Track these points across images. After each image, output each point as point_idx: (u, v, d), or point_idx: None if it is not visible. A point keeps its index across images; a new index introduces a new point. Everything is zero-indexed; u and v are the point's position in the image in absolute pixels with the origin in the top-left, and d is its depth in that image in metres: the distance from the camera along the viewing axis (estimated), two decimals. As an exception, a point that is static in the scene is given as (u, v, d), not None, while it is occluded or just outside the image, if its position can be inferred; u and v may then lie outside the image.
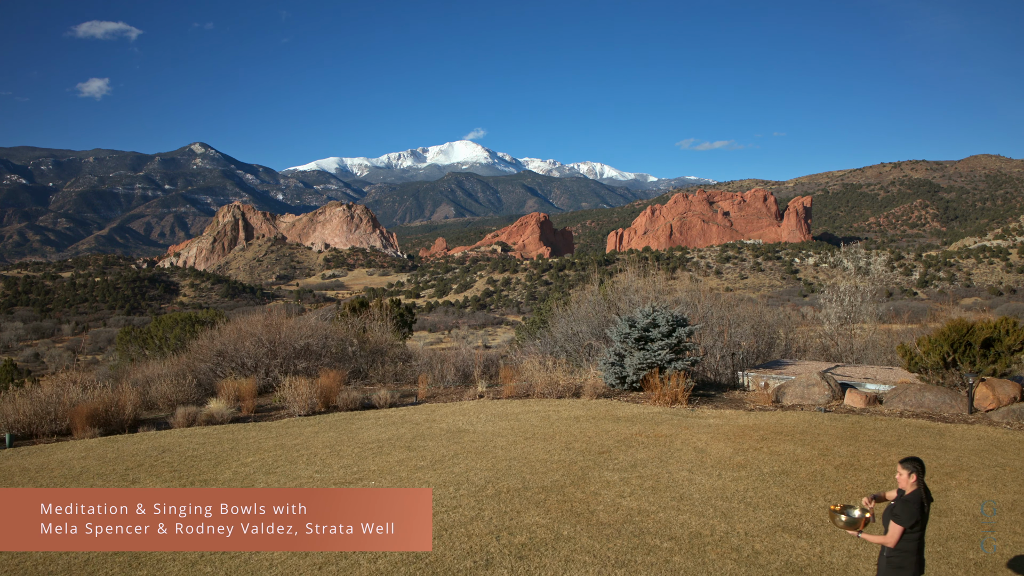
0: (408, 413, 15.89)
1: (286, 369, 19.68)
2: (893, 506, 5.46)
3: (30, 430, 14.80)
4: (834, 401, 15.73)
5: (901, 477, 5.49)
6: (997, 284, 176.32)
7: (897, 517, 5.39)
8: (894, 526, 5.39)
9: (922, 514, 5.38)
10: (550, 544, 7.92)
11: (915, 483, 5.48)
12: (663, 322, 17.29)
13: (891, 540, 5.40)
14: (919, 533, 5.41)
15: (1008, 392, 14.40)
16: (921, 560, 5.41)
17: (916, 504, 5.38)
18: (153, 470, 11.44)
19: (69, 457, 12.63)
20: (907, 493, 5.49)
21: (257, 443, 13.17)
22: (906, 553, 5.39)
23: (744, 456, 11.46)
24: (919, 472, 5.45)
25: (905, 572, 5.38)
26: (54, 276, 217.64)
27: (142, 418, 15.94)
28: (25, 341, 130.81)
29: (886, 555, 5.43)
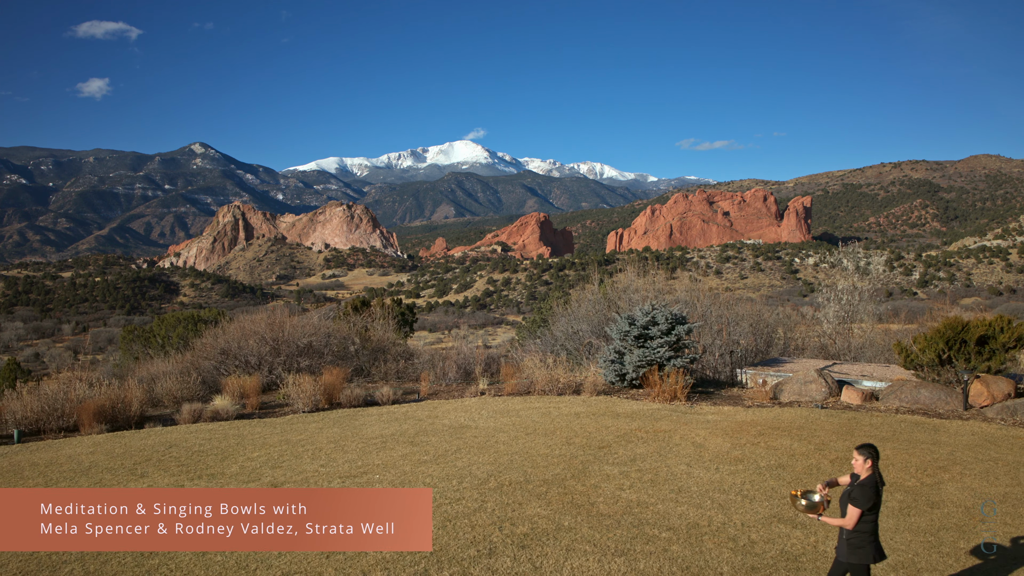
0: (411, 410, 16.10)
1: (289, 367, 19.88)
2: (851, 490, 5.74)
3: (38, 426, 15.00)
4: (831, 398, 15.94)
5: (857, 463, 5.78)
6: (997, 284, 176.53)
7: (855, 500, 5.65)
8: (852, 509, 5.65)
9: (877, 497, 5.66)
10: (551, 534, 8.13)
11: (870, 468, 5.75)
12: (662, 320, 17.50)
13: (850, 522, 5.66)
14: (875, 515, 5.69)
15: (1002, 389, 14.61)
16: (877, 542, 5.70)
17: (872, 488, 5.66)
18: (161, 464, 11.64)
19: (77, 452, 12.83)
20: (862, 478, 5.76)
21: (262, 439, 13.38)
22: (864, 534, 5.65)
23: (741, 451, 11.67)
24: (874, 458, 5.74)
25: (863, 552, 5.65)
26: (54, 276, 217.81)
27: (148, 415, 16.14)
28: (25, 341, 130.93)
29: (845, 537, 5.71)
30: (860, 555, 5.66)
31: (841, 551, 5.77)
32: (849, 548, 5.70)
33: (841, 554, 5.77)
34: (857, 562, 5.68)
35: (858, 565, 5.67)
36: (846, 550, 5.72)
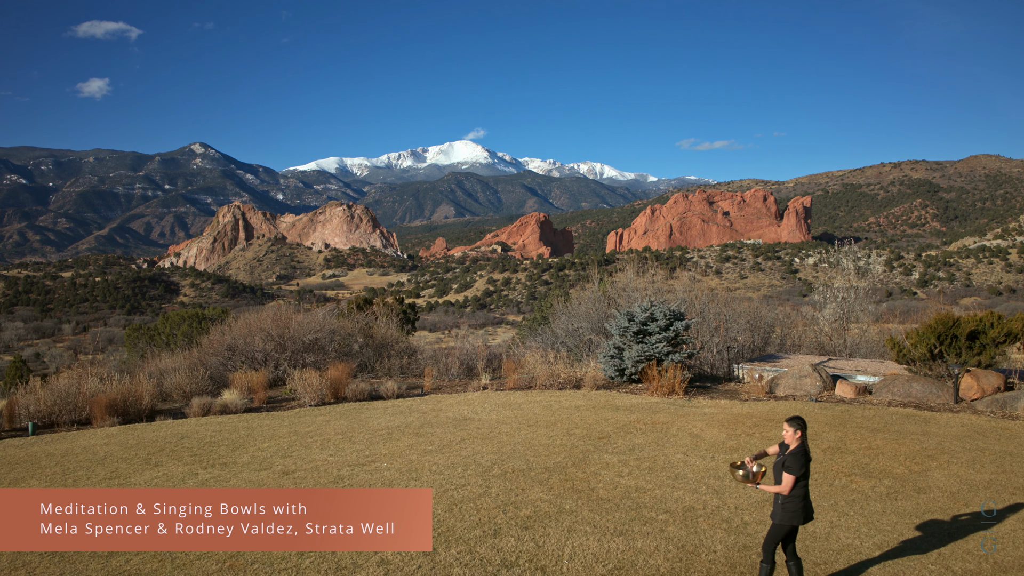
0: (415, 403, 16.48)
1: (295, 363, 20.24)
2: (784, 460, 6.24)
3: (51, 419, 15.38)
4: (825, 392, 16.32)
5: (787, 434, 6.28)
6: (997, 284, 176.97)
7: (789, 468, 6.16)
8: (787, 476, 6.16)
9: (807, 465, 6.18)
10: (553, 516, 8.50)
11: (799, 439, 6.26)
12: (661, 316, 17.87)
13: (786, 488, 6.17)
14: (806, 481, 6.22)
15: (992, 382, 14.98)
16: (808, 505, 6.26)
17: (802, 456, 6.17)
18: (174, 454, 12.01)
19: (92, 443, 13.20)
20: (792, 447, 6.26)
21: (272, 430, 13.75)
22: (796, 499, 6.19)
23: (737, 440, 12.05)
24: (802, 429, 6.26)
25: (797, 515, 6.20)
26: (54, 276, 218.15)
27: (158, 408, 16.51)
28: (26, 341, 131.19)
29: (780, 502, 6.23)
30: (793, 518, 6.21)
31: (776, 515, 6.28)
32: (784, 511, 6.23)
33: (776, 517, 6.28)
34: (790, 523, 6.22)
35: (787, 525, 6.23)
36: (781, 513, 6.25)
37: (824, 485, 9.69)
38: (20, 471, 11.30)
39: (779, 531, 6.28)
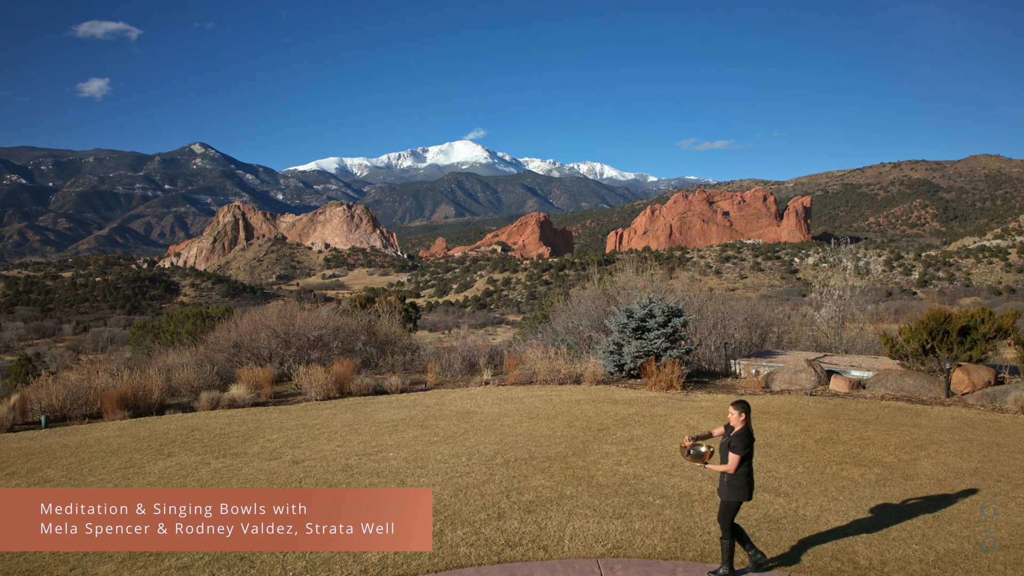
0: (419, 397, 16.83)
1: (299, 359, 20.58)
2: (730, 441, 6.70)
3: (63, 413, 15.73)
4: (820, 386, 16.67)
5: (733, 416, 6.74)
6: (996, 284, 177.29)
7: (735, 448, 6.62)
8: (733, 456, 6.61)
9: (751, 446, 6.64)
10: (555, 501, 8.86)
11: (743, 421, 6.72)
12: (659, 313, 18.22)
13: (732, 467, 6.63)
14: (750, 461, 6.68)
15: (983, 377, 15.34)
16: (751, 483, 6.75)
17: (747, 437, 6.64)
18: (186, 445, 12.36)
19: (105, 435, 13.55)
20: (737, 429, 6.73)
21: (280, 423, 14.11)
22: (742, 476, 6.67)
23: (732, 432, 12.39)
24: (747, 412, 6.73)
25: (742, 491, 6.68)
26: (55, 276, 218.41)
27: (167, 403, 16.86)
28: (26, 340, 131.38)
29: (726, 480, 6.68)
30: (738, 494, 6.66)
31: (723, 492, 6.74)
32: (730, 488, 6.68)
33: (723, 494, 6.74)
34: (736, 500, 6.67)
35: (734, 502, 6.67)
36: (727, 490, 6.69)
37: (816, 472, 10.05)
38: (36, 461, 11.65)
39: (730, 507, 6.71)
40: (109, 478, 10.42)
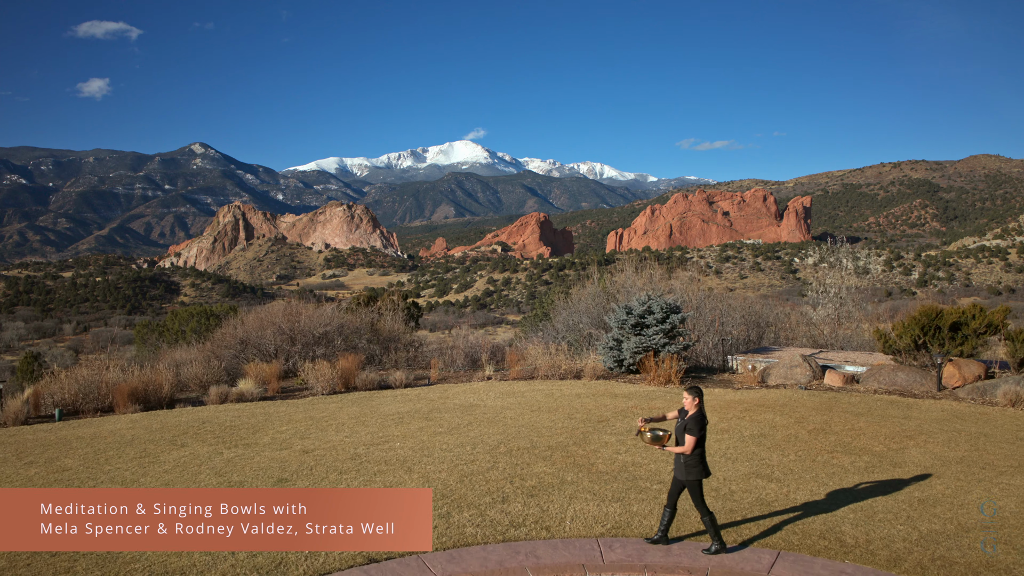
0: (423, 392, 17.22)
1: (305, 356, 20.96)
2: (685, 424, 7.11)
3: (75, 407, 16.10)
4: (815, 381, 17.05)
5: (687, 401, 7.16)
6: (996, 284, 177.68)
7: (691, 431, 7.04)
8: (689, 437, 7.03)
9: (704, 428, 7.08)
10: (556, 486, 9.24)
11: (696, 405, 7.14)
12: (658, 309, 18.60)
13: (688, 448, 7.06)
14: (703, 443, 7.13)
15: (973, 371, 15.72)
16: (705, 463, 7.18)
17: (701, 420, 7.09)
18: (198, 436, 12.74)
19: (118, 428, 13.93)
20: (691, 413, 7.11)
21: (288, 415, 14.49)
22: (697, 456, 7.10)
23: (728, 423, 12.79)
24: (700, 396, 7.17)
25: (697, 470, 7.11)
26: (55, 276, 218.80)
27: (177, 397, 17.23)
28: (27, 340, 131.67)
29: (683, 461, 7.13)
30: (695, 473, 7.11)
31: (679, 472, 7.17)
32: (686, 469, 7.12)
33: (679, 474, 7.17)
34: (692, 479, 7.11)
35: (693, 481, 7.12)
36: (683, 471, 7.13)
37: (807, 460, 10.43)
38: (53, 452, 12.02)
39: (695, 486, 7.13)
40: (126, 467, 10.79)
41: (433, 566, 6.92)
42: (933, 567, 6.87)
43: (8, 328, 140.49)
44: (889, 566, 6.92)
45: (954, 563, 6.96)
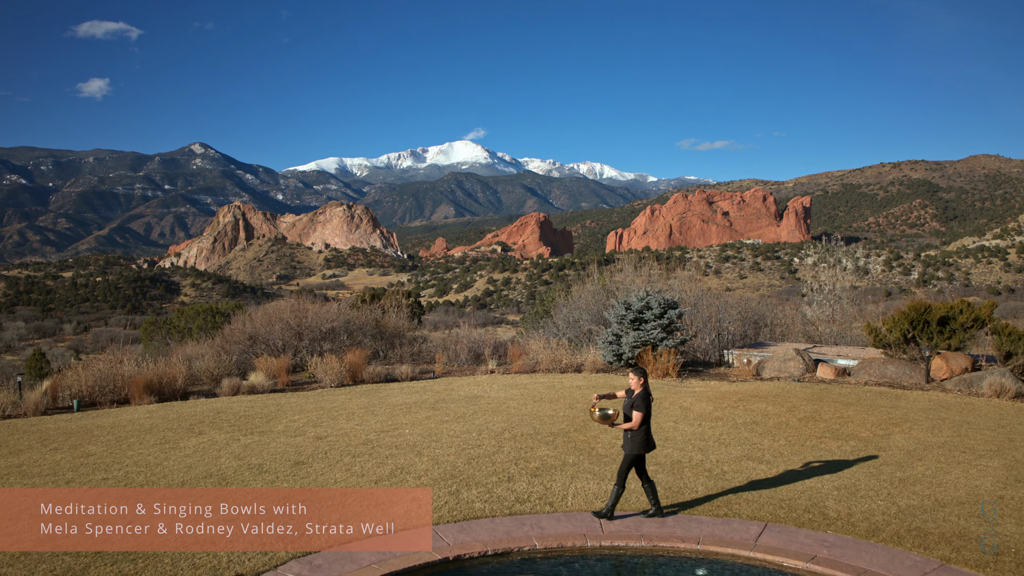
0: (428, 384, 17.77)
1: (312, 351, 21.49)
2: (632, 401, 7.78)
3: (92, 399, 16.65)
4: (807, 374, 17.60)
5: (633, 381, 7.81)
6: (996, 284, 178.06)
7: (638, 407, 7.73)
8: (636, 414, 7.72)
9: (649, 406, 7.76)
10: (558, 468, 9.79)
11: (641, 384, 7.82)
12: (656, 305, 19.14)
13: (635, 424, 7.73)
14: (648, 419, 7.83)
15: (960, 364, 16.26)
16: (650, 438, 7.89)
17: (646, 398, 7.81)
18: (214, 424, 13.29)
19: (135, 417, 14.47)
20: (636, 392, 7.80)
21: (299, 406, 15.03)
22: (642, 432, 7.78)
23: (722, 412, 13.34)
24: (645, 376, 7.89)
25: (642, 446, 7.78)
26: (55, 276, 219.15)
27: (189, 390, 17.78)
28: (27, 340, 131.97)
29: (629, 436, 7.80)
30: (640, 447, 7.77)
31: (626, 446, 7.81)
32: (632, 443, 7.76)
33: (627, 448, 7.81)
34: (638, 452, 7.76)
35: (639, 455, 7.79)
36: (630, 445, 7.76)
37: (796, 445, 10.98)
38: (76, 439, 12.56)
39: (630, 460, 7.77)
40: (148, 452, 11.33)
41: (445, 536, 7.46)
42: (909, 536, 7.42)
43: (8, 328, 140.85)
44: (868, 535, 7.46)
45: (928, 533, 7.50)
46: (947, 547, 7.13)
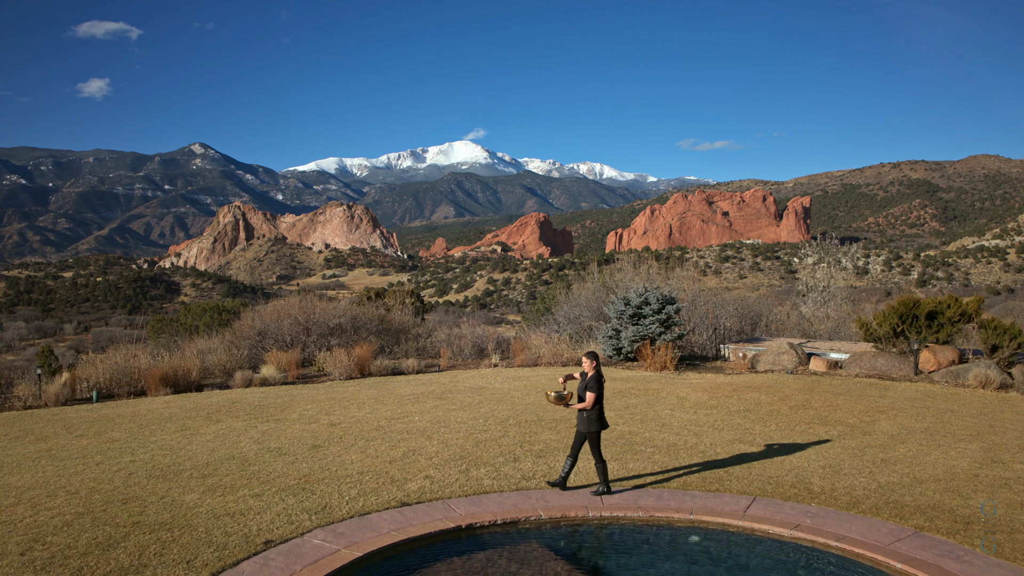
0: (434, 377, 18.36)
1: (320, 346, 22.10)
2: (586, 383, 8.38)
3: (109, 391, 17.22)
4: (800, 367, 18.20)
5: (586, 364, 8.41)
6: (995, 284, 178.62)
7: (592, 388, 8.31)
8: (590, 394, 8.29)
9: (602, 387, 8.35)
10: (561, 450, 10.39)
11: (594, 367, 8.41)
12: (654, 301, 19.74)
13: (590, 403, 8.31)
14: (601, 400, 8.40)
15: (948, 356, 16.86)
16: (603, 417, 8.44)
17: (599, 379, 8.39)
18: (231, 413, 13.88)
19: (154, 407, 15.06)
20: (590, 375, 8.38)
21: (311, 396, 15.63)
22: (596, 411, 8.34)
23: (717, 401, 13.94)
24: (597, 360, 8.47)
25: (597, 423, 8.35)
26: (56, 276, 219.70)
27: (203, 382, 18.37)
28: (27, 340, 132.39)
29: (585, 416, 8.36)
30: (596, 425, 8.34)
31: (581, 425, 8.37)
32: (588, 422, 8.33)
33: (581, 426, 8.37)
34: (594, 430, 8.33)
35: (593, 432, 8.34)
36: (586, 423, 8.33)
37: (786, 430, 11.58)
38: (100, 426, 13.15)
39: (594, 437, 8.36)
40: (171, 437, 11.92)
41: (457, 508, 8.05)
42: (886, 508, 8.01)
43: (9, 328, 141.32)
44: (848, 508, 8.06)
45: (905, 505, 8.10)
46: (921, 517, 7.73)
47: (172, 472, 9.71)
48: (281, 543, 7.15)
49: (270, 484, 9.02)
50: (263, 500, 8.46)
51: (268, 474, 9.46)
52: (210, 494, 8.71)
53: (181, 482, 9.20)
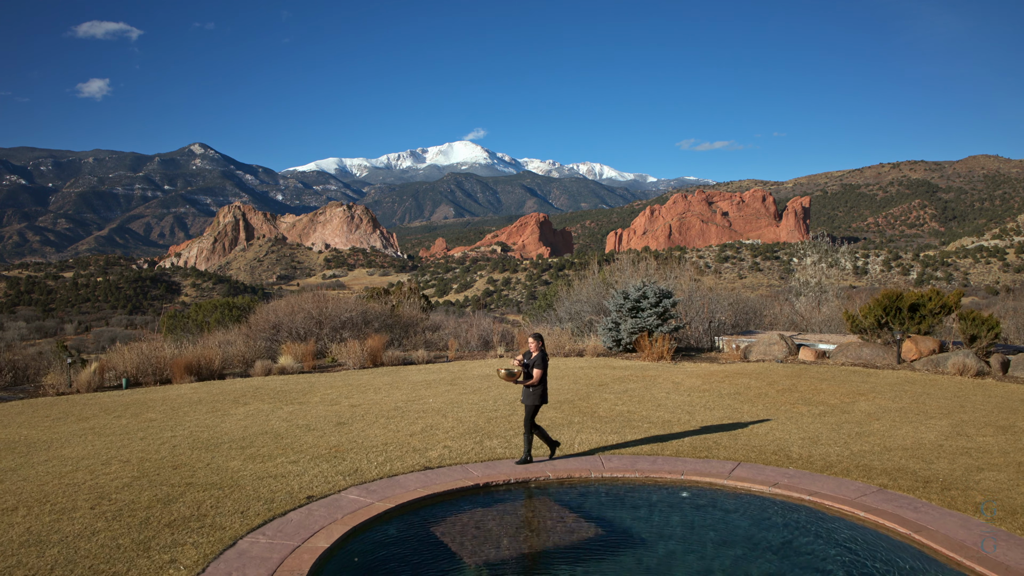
0: (443, 366, 19.37)
1: (332, 338, 23.10)
2: (533, 361, 9.33)
3: (136, 378, 18.23)
4: (790, 356, 19.21)
5: (532, 344, 9.35)
6: (994, 284, 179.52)
7: (537, 365, 9.27)
8: (536, 371, 9.26)
9: (547, 365, 9.29)
10: (566, 425, 11.39)
11: (538, 348, 9.34)
12: (652, 294, 20.75)
13: (536, 379, 9.26)
14: (545, 377, 9.32)
15: (928, 346, 17.87)
16: (545, 392, 9.35)
17: (544, 358, 9.32)
18: (256, 397, 14.88)
19: (182, 393, 16.05)
20: (535, 354, 9.32)
21: (329, 383, 16.63)
22: (540, 387, 9.27)
23: (709, 385, 14.95)
24: (541, 340, 9.41)
25: (539, 398, 9.27)
26: (56, 276, 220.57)
27: (224, 372, 19.36)
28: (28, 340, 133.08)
29: (530, 391, 9.27)
30: (538, 400, 9.28)
31: (527, 399, 9.27)
32: (531, 396, 9.25)
33: (527, 400, 9.27)
34: (536, 404, 9.24)
35: (536, 405, 9.25)
36: (531, 397, 9.24)
37: (772, 409, 12.58)
38: (135, 409, 14.13)
39: (532, 410, 9.28)
40: (204, 417, 12.90)
41: (474, 471, 9.05)
42: (856, 471, 9.01)
43: (10, 328, 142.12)
44: (822, 470, 9.06)
45: (872, 468, 9.10)
46: (886, 478, 8.73)
47: (212, 444, 10.69)
48: (321, 498, 8.15)
49: (304, 453, 10.02)
50: (299, 466, 9.45)
51: (300, 445, 10.45)
52: (251, 461, 9.70)
53: (222, 452, 10.19)
